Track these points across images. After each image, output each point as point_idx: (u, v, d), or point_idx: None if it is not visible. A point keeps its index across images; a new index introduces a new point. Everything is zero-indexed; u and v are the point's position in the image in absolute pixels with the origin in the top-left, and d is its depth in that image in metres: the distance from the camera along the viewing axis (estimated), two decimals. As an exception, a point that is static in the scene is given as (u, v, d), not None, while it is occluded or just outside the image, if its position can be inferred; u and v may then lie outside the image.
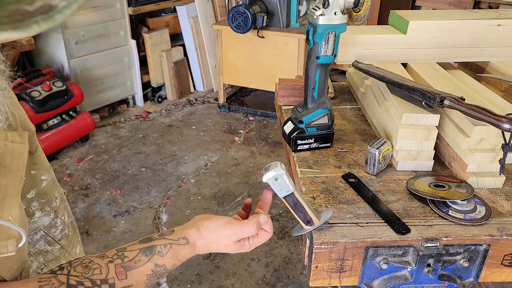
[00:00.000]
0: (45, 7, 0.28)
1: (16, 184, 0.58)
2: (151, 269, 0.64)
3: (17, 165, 0.59)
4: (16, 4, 0.28)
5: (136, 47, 3.72)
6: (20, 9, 0.28)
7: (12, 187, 0.57)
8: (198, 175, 3.00)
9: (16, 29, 0.27)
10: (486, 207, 0.84)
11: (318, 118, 1.02)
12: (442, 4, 3.51)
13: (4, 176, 0.56)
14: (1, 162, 0.57)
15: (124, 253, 0.64)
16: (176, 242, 0.68)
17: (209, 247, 0.72)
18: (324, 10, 0.90)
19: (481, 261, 0.79)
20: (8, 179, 0.57)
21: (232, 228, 0.71)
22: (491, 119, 0.79)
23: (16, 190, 0.57)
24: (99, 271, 0.60)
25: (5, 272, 0.58)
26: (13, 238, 0.54)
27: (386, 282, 0.80)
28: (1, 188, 0.55)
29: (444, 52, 1.23)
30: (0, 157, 0.57)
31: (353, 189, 0.91)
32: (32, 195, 0.70)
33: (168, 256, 0.66)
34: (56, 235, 0.77)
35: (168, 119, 3.81)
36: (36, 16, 0.28)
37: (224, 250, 0.73)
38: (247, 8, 3.20)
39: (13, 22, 0.27)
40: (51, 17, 0.28)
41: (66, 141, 3.17)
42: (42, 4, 0.28)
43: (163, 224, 2.53)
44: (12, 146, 0.60)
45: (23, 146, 0.62)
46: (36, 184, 0.71)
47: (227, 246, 0.72)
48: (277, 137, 3.49)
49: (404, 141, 0.95)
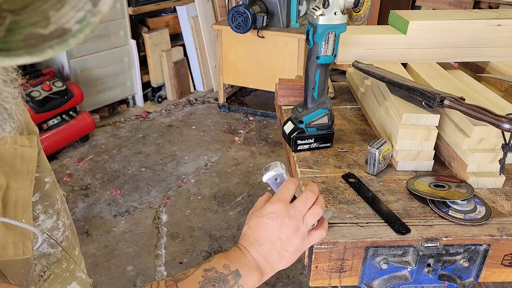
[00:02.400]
0: (59, 31, 0.28)
1: (27, 187, 0.58)
2: (201, 275, 0.63)
3: (27, 168, 0.60)
4: (31, 28, 0.27)
5: (136, 47, 3.72)
6: (35, 32, 0.27)
7: (23, 190, 0.57)
8: (198, 175, 3.00)
9: (31, 54, 0.27)
10: (486, 207, 0.84)
11: (318, 118, 1.02)
12: (442, 4, 3.51)
13: (15, 180, 0.57)
14: (12, 166, 0.58)
15: (175, 275, 0.64)
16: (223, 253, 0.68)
17: (256, 231, 0.66)
18: (324, 10, 0.90)
19: (481, 261, 0.79)
20: (19, 183, 0.57)
21: (266, 194, 0.70)
22: (491, 119, 0.79)
23: (27, 193, 0.58)
24: (150, 286, 0.61)
25: (13, 277, 0.59)
26: (28, 240, 0.55)
27: (386, 282, 0.80)
28: (13, 192, 0.56)
29: (444, 52, 1.23)
30: (11, 161, 0.58)
31: (353, 189, 0.91)
32: (36, 198, 0.70)
33: (215, 258, 0.65)
34: (58, 237, 0.77)
35: (168, 119, 3.81)
36: (51, 40, 0.28)
37: (276, 230, 0.65)
38: (247, 8, 3.20)
39: (28, 47, 0.27)
40: (65, 41, 0.28)
41: (66, 141, 3.16)
42: (56, 27, 0.28)
43: (163, 224, 2.53)
44: (22, 150, 0.60)
45: (33, 150, 0.62)
46: (40, 186, 0.71)
47: (272, 219, 0.65)
48: (277, 137, 3.49)
49: (404, 141, 0.95)
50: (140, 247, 2.35)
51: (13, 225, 0.54)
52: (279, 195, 0.68)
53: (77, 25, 0.29)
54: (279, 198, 0.67)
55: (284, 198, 0.68)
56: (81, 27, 0.29)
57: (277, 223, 0.66)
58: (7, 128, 0.43)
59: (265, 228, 0.66)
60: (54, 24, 0.28)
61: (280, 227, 0.66)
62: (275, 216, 0.66)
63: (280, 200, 0.67)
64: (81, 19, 0.29)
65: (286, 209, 0.66)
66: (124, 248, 2.34)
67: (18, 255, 0.53)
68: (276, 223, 0.66)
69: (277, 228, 0.66)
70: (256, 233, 0.67)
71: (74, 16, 0.29)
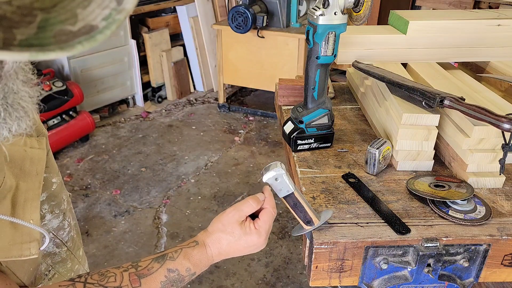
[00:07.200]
0: (87, 28, 0.30)
1: (36, 188, 0.59)
2: (164, 275, 0.65)
3: (36, 170, 0.61)
4: (60, 25, 0.29)
5: (136, 47, 3.72)
6: (64, 29, 0.29)
7: (32, 191, 0.58)
8: (198, 175, 3.00)
9: (63, 49, 0.29)
10: (486, 207, 0.84)
11: (318, 118, 1.01)
12: (442, 4, 3.51)
13: (24, 180, 0.58)
14: (21, 167, 0.59)
15: (138, 263, 0.65)
16: (186, 246, 0.70)
17: (219, 241, 0.71)
18: (324, 10, 0.90)
19: (481, 261, 0.79)
20: (28, 184, 0.58)
21: (233, 207, 0.73)
22: (491, 119, 0.79)
23: (36, 194, 0.59)
24: (114, 279, 0.61)
25: (22, 275, 0.59)
26: (35, 241, 0.55)
27: (386, 282, 0.80)
28: (22, 193, 0.56)
29: (444, 52, 1.23)
30: (20, 163, 0.59)
31: (353, 189, 0.91)
32: (43, 198, 0.71)
33: (179, 259, 0.67)
34: (63, 237, 0.78)
35: (168, 119, 3.81)
36: (79, 36, 0.29)
37: (234, 242, 0.72)
38: (247, 8, 3.20)
39: (58, 42, 0.29)
40: (93, 37, 0.30)
41: (66, 141, 3.16)
42: (83, 24, 0.30)
43: (163, 224, 2.53)
44: (31, 152, 0.62)
45: (41, 152, 0.63)
46: (48, 187, 0.72)
47: (233, 234, 0.71)
48: (277, 137, 3.49)
49: (404, 141, 0.95)
50: (140, 247, 2.35)
51: (21, 226, 0.54)
52: (238, 208, 0.73)
53: (104, 22, 0.30)
54: (237, 218, 0.73)
55: (243, 215, 0.73)
56: (108, 24, 0.30)
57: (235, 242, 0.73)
58: (22, 125, 0.46)
59: (224, 241, 0.72)
60: (82, 21, 0.29)
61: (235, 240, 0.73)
62: (233, 238, 0.72)
63: (240, 225, 0.73)
64: (107, 16, 0.30)
65: (243, 232, 0.72)
66: (124, 248, 2.34)
67: (25, 255, 0.54)
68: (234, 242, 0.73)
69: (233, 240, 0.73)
70: (216, 243, 0.72)
71: (100, 14, 0.30)
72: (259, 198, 0.74)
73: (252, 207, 0.73)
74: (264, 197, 0.75)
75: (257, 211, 0.74)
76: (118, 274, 0.62)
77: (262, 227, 0.73)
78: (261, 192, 0.76)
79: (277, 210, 0.75)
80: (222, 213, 0.73)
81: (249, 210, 0.73)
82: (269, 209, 0.74)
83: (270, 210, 0.74)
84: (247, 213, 0.73)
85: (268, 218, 0.74)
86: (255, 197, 0.74)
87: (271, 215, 0.74)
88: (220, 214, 0.74)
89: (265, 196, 0.75)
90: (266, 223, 0.73)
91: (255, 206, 0.73)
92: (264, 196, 0.75)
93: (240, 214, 0.72)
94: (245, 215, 0.73)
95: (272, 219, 0.75)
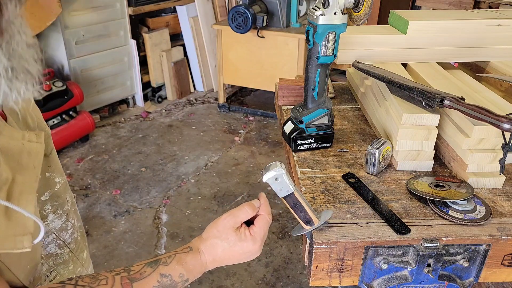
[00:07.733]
0: None
1: (32, 181, 0.59)
2: (156, 280, 0.64)
3: (33, 163, 0.61)
4: None
5: (136, 47, 3.72)
6: None
7: (28, 184, 0.58)
8: (198, 175, 3.00)
9: None
10: (486, 207, 0.84)
11: (318, 118, 1.01)
12: (442, 4, 3.51)
13: (20, 174, 0.57)
14: (18, 161, 0.58)
15: (130, 267, 0.65)
16: (180, 251, 0.69)
17: (214, 247, 0.71)
18: (324, 10, 0.90)
19: (481, 261, 0.79)
20: (24, 177, 0.58)
21: (228, 213, 0.72)
22: (491, 119, 0.79)
23: (32, 187, 0.59)
24: (105, 281, 0.61)
25: (19, 272, 0.59)
26: (29, 234, 0.55)
27: (386, 282, 0.80)
28: (18, 185, 0.56)
29: (444, 52, 1.23)
30: (17, 156, 0.59)
31: (353, 189, 0.91)
32: (46, 198, 0.71)
33: (172, 264, 0.66)
34: (66, 238, 0.77)
35: (168, 119, 3.81)
36: None
37: (229, 248, 0.72)
38: (247, 8, 3.20)
39: None
40: None
41: (66, 141, 3.17)
42: None
43: (163, 224, 2.53)
44: (29, 145, 0.61)
45: (39, 146, 0.63)
46: (50, 186, 0.72)
47: (228, 240, 0.71)
48: (277, 137, 3.49)
49: (404, 141, 0.95)
50: (140, 247, 2.35)
51: (15, 218, 0.54)
52: (234, 214, 0.73)
53: None
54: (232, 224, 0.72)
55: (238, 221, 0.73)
56: None
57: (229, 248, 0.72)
58: (29, 87, 0.47)
59: (218, 248, 0.72)
60: None
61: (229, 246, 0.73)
62: (228, 244, 0.72)
63: (235, 231, 0.72)
64: None
65: (238, 239, 0.72)
66: (124, 248, 2.34)
67: (18, 248, 0.54)
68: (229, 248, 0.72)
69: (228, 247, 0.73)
70: (211, 249, 0.72)
71: None
72: (254, 204, 0.74)
73: (247, 213, 0.72)
74: (260, 203, 0.75)
75: (252, 217, 0.74)
76: (110, 277, 0.61)
77: (257, 234, 0.73)
78: (256, 199, 0.75)
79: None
80: (217, 219, 0.73)
81: (244, 216, 0.72)
82: (265, 215, 0.74)
83: (265, 216, 0.74)
84: (243, 219, 0.72)
85: (263, 224, 0.74)
86: (250, 204, 0.73)
87: (266, 222, 0.74)
88: (214, 220, 0.73)
89: (260, 202, 0.75)
90: (262, 230, 0.73)
91: (250, 213, 0.72)
92: (259, 203, 0.75)
93: (236, 220, 0.72)
94: (241, 222, 0.72)
95: (268, 226, 0.75)
